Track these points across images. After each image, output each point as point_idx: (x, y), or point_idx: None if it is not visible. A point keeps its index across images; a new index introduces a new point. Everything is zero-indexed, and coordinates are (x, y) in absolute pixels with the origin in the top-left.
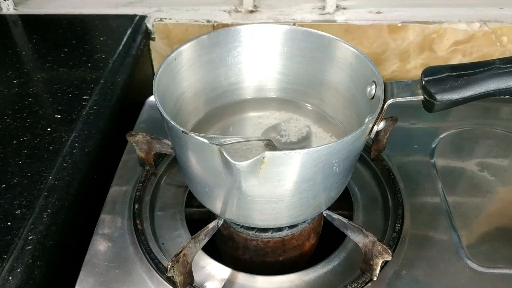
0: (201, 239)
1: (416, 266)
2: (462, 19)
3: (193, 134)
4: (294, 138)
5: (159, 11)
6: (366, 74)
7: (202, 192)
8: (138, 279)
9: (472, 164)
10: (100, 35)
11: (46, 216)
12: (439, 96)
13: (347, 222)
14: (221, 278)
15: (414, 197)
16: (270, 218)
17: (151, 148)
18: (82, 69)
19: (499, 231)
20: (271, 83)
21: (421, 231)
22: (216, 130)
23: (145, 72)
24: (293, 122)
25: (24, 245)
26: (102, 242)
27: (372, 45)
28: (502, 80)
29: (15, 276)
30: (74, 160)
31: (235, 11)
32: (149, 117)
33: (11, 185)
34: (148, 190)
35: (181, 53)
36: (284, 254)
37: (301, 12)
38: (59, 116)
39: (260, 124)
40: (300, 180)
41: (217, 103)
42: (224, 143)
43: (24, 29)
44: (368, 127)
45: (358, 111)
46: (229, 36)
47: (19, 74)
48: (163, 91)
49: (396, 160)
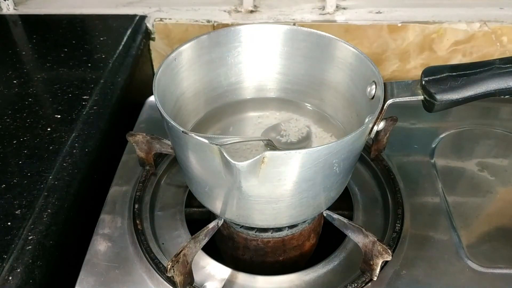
0: (201, 239)
1: (416, 266)
2: (462, 19)
3: (193, 134)
4: (294, 138)
5: (159, 11)
6: (366, 74)
7: (202, 192)
8: (138, 279)
9: (472, 164)
10: (100, 35)
11: (46, 216)
12: (439, 96)
13: (347, 222)
14: (221, 278)
15: (414, 197)
16: (270, 218)
17: (151, 148)
18: (82, 69)
19: (499, 231)
20: (271, 83)
21: (421, 231)
22: (216, 130)
23: (145, 72)
24: (293, 122)
25: (24, 245)
26: (102, 242)
27: (372, 45)
28: (502, 80)
29: (15, 276)
30: (74, 160)
31: (235, 11)
32: (149, 117)
33: (11, 185)
34: (148, 190)
35: (181, 53)
36: (284, 254)
37: (301, 12)
38: (59, 116)
39: (260, 124)
40: (300, 180)
41: (217, 103)
42: (224, 143)
43: (24, 29)
44: (368, 127)
45: (358, 111)
46: (229, 36)
47: (19, 74)
48: (163, 91)
49: (396, 160)
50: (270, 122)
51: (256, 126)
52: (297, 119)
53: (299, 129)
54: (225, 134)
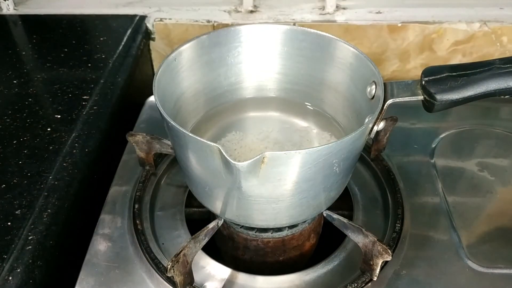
0: (201, 239)
1: (416, 266)
2: (462, 19)
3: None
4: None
5: (159, 11)
6: (366, 74)
7: (202, 192)
8: (138, 279)
9: (472, 164)
10: (100, 35)
11: (46, 216)
12: (439, 96)
13: (347, 222)
14: (221, 278)
15: (414, 197)
16: (270, 218)
17: (151, 148)
18: (82, 69)
19: (499, 231)
20: (271, 83)
21: (421, 231)
22: (216, 130)
23: (145, 72)
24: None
25: (24, 245)
26: (102, 242)
27: (372, 45)
28: (502, 80)
29: (15, 276)
30: (74, 160)
31: (235, 11)
32: (149, 117)
33: (11, 185)
34: (148, 190)
35: (181, 53)
36: (284, 254)
37: (301, 12)
38: (59, 116)
39: (260, 124)
40: (300, 180)
41: (217, 103)
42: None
43: (24, 29)
44: (368, 127)
45: (358, 111)
46: (229, 36)
47: (19, 74)
48: (163, 91)
49: (396, 160)
50: (270, 122)
51: (256, 126)
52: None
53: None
54: (225, 134)
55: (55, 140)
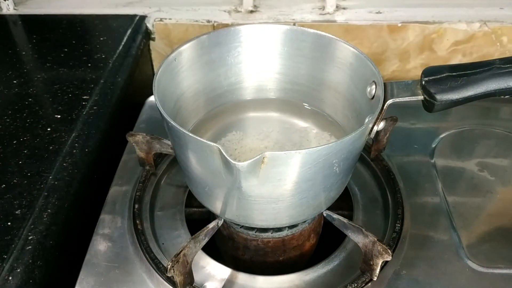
0: (201, 239)
1: (416, 266)
2: (462, 19)
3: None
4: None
5: (159, 11)
6: (366, 74)
7: (202, 192)
8: (138, 279)
9: (472, 164)
10: (100, 35)
11: (46, 216)
12: (439, 96)
13: (347, 222)
14: (221, 278)
15: (414, 197)
16: (270, 218)
17: (151, 148)
18: (82, 69)
19: (499, 231)
20: (271, 83)
21: (421, 231)
22: (216, 130)
23: (145, 72)
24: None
25: (24, 245)
26: (102, 242)
27: (372, 45)
28: (502, 80)
29: (15, 276)
30: (74, 160)
31: (235, 11)
32: (149, 117)
33: (11, 185)
34: (148, 190)
35: (181, 53)
36: (284, 254)
37: (301, 12)
38: (59, 116)
39: (260, 124)
40: (300, 180)
41: (217, 103)
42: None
43: (24, 29)
44: (368, 127)
45: (358, 111)
46: (229, 36)
47: (19, 74)
48: (163, 91)
49: (396, 160)
50: (270, 122)
51: (256, 126)
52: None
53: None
54: (225, 134)
55: (55, 140)
